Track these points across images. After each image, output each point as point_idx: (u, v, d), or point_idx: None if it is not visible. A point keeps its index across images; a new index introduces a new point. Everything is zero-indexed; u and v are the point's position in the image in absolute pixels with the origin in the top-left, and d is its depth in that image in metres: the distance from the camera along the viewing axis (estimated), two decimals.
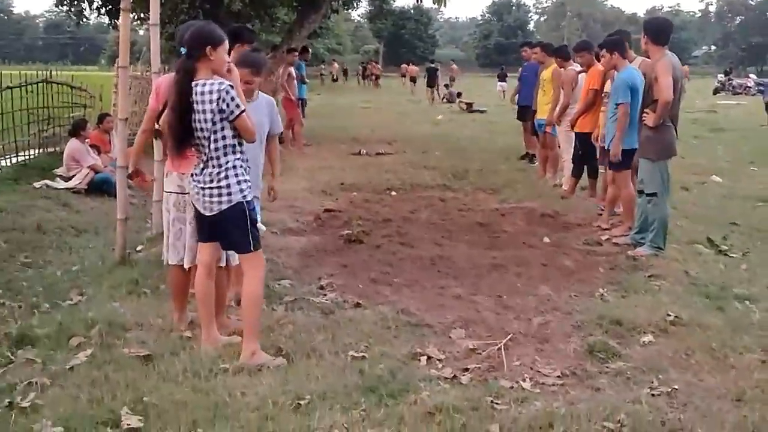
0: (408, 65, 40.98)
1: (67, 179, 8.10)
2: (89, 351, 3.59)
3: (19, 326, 3.89)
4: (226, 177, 3.49)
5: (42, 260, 5.44)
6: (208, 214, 3.54)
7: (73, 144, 8.32)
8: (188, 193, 3.77)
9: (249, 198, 3.57)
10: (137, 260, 5.33)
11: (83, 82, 11.66)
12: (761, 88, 26.94)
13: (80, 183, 7.97)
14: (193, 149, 3.64)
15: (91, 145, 8.50)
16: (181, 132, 3.47)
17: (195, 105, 3.42)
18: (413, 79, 36.39)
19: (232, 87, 3.47)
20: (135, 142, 4.35)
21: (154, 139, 5.46)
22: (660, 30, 5.76)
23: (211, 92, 3.41)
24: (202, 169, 3.52)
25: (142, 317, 4.08)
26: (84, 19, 14.43)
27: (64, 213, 6.99)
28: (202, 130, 3.45)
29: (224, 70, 3.59)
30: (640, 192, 5.97)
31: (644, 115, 5.71)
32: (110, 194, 7.37)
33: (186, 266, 3.88)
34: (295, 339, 3.83)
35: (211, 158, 3.48)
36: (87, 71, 42.07)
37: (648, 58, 6.04)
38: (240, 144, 3.57)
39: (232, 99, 3.43)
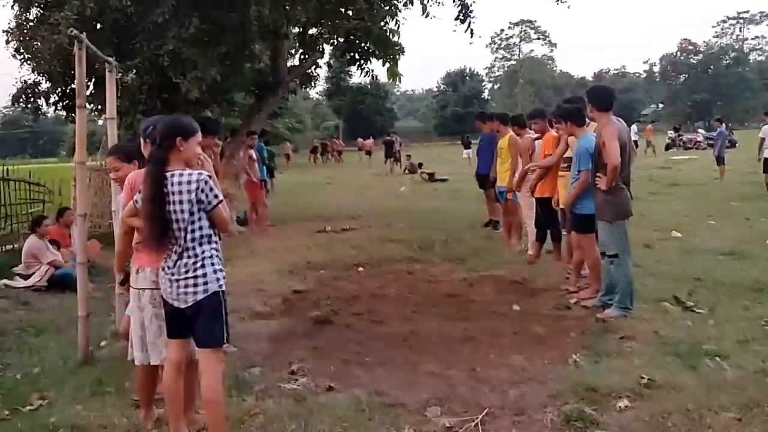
0: (364, 140, 42.61)
1: (26, 277, 7.92)
2: None
3: None
4: (203, 266, 3.41)
5: (1, 363, 5.24)
6: (183, 306, 3.42)
7: (31, 241, 8.18)
8: None
9: (224, 288, 3.50)
10: (101, 358, 5.19)
11: (41, 177, 11.59)
12: (711, 142, 27.90)
13: (40, 280, 7.80)
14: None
15: (50, 241, 8.35)
16: (163, 222, 3.37)
17: (170, 195, 3.37)
18: (368, 153, 37.98)
19: (210, 177, 3.47)
20: (118, 244, 3.98)
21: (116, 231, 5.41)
22: (602, 97, 5.97)
23: (189, 182, 3.37)
24: (176, 261, 3.42)
25: (107, 419, 3.94)
26: (41, 115, 14.43)
27: (23, 312, 6.80)
28: (177, 221, 3.38)
29: (195, 161, 3.59)
30: (603, 254, 6.06)
31: (597, 179, 5.84)
32: (72, 289, 7.20)
33: (157, 363, 3.76)
34: (266, 430, 3.73)
35: (187, 249, 3.40)
36: (47, 164, 41.95)
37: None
38: (215, 234, 3.51)
39: (211, 189, 3.41)
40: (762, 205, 12.62)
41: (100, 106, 12.02)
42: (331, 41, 13.98)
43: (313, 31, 14.35)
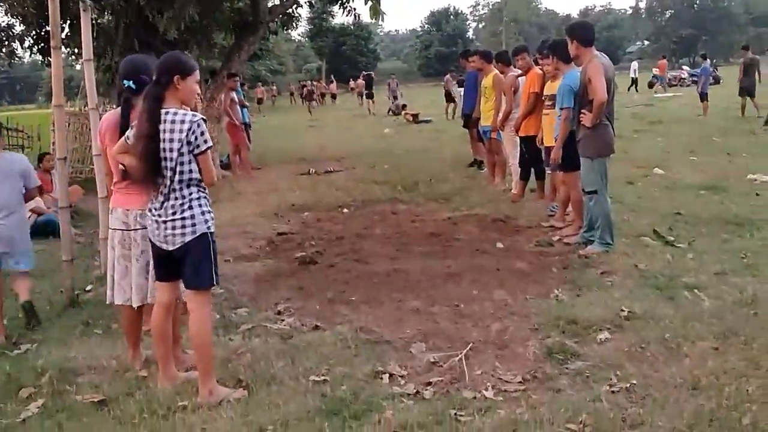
0: (355, 80, 40.83)
1: None
2: (41, 401, 3.49)
3: None
4: (190, 207, 3.37)
5: None
6: (171, 248, 3.39)
7: None
8: (134, 229, 3.69)
9: (213, 229, 3.47)
10: (87, 301, 5.22)
11: (20, 122, 11.40)
12: (695, 78, 27.81)
13: None
14: (134, 184, 3.59)
15: None
16: (155, 160, 3.30)
17: (162, 133, 3.30)
18: (362, 94, 36.37)
19: (205, 121, 3.41)
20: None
21: (97, 176, 5.38)
22: (584, 32, 5.91)
23: (182, 122, 3.31)
24: (162, 203, 3.37)
25: (95, 360, 3.98)
26: (17, 59, 14.10)
27: None
28: (165, 159, 3.32)
29: (193, 101, 3.53)
30: (583, 190, 6.09)
31: (581, 115, 5.82)
32: (55, 235, 7.17)
33: (135, 305, 3.78)
34: (254, 368, 3.77)
35: (174, 190, 3.35)
36: (25, 110, 41.19)
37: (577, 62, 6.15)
38: (202, 180, 3.46)
39: (202, 133, 3.34)
40: (743, 140, 12.69)
41: (76, 50, 11.76)
42: None
43: None
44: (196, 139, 3.33)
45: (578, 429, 2.94)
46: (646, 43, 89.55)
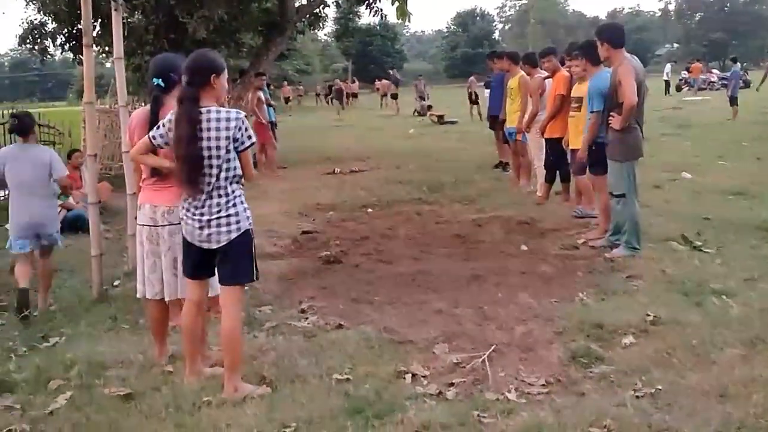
0: (380, 80, 40.43)
1: None
2: (69, 393, 3.53)
3: None
4: (234, 205, 3.40)
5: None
6: (214, 246, 3.40)
7: None
8: (161, 225, 3.73)
9: (253, 226, 3.51)
10: (115, 296, 5.29)
11: (51, 119, 11.58)
12: (725, 82, 27.44)
13: None
14: (162, 180, 3.64)
15: None
16: (198, 161, 3.31)
17: (203, 132, 3.31)
18: (386, 95, 36.00)
19: (247, 117, 3.44)
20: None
21: (126, 172, 5.46)
22: (615, 33, 5.86)
23: (228, 119, 3.33)
24: (205, 201, 3.37)
25: (122, 354, 4.03)
26: (49, 56, 14.34)
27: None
28: (211, 158, 3.33)
29: (224, 98, 3.58)
30: (611, 194, 6.05)
31: (610, 118, 5.78)
32: (84, 230, 7.29)
33: (166, 299, 3.83)
34: (278, 365, 3.80)
35: (218, 187, 3.36)
36: (55, 107, 41.82)
37: (606, 65, 6.11)
38: (242, 176, 3.49)
39: (246, 129, 3.39)
40: None
41: (107, 48, 11.93)
42: None
43: None
44: (242, 135, 3.36)
45: None
46: (676, 46, 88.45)
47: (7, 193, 5.51)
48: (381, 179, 10.71)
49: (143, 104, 6.65)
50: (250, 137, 3.41)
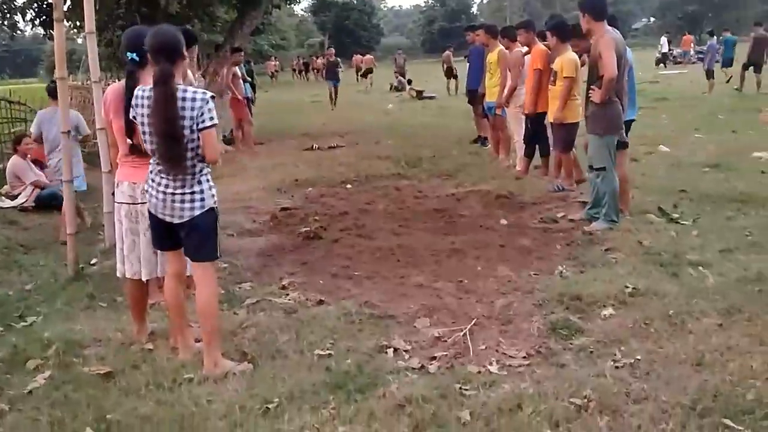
0: (362, 56, 39.02)
1: (13, 198, 7.87)
2: (47, 372, 3.50)
3: None
4: (199, 182, 3.39)
5: None
6: (176, 221, 3.40)
7: (14, 161, 8.09)
8: (141, 203, 3.68)
9: (217, 204, 3.50)
10: (91, 274, 5.22)
11: (21, 95, 11.34)
12: (701, 56, 27.55)
13: (26, 201, 7.76)
14: (141, 157, 3.59)
15: (33, 161, 8.25)
16: (178, 138, 3.27)
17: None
18: (358, 70, 35.60)
19: (213, 98, 3.39)
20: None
21: (100, 149, 5.38)
22: (597, 5, 5.82)
23: (194, 99, 3.28)
24: (171, 174, 3.36)
25: (100, 333, 3.99)
26: (18, 32, 14.03)
27: (11, 231, 6.79)
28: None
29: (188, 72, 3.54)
30: (590, 167, 6.07)
31: (590, 91, 5.78)
32: (58, 208, 7.19)
33: (144, 278, 3.80)
34: (258, 342, 3.79)
35: (185, 165, 3.35)
36: (26, 83, 41.04)
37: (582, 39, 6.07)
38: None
39: (210, 110, 3.32)
40: (749, 117, 12.61)
41: (78, 23, 11.69)
42: None
43: None
44: (202, 114, 3.30)
45: (582, 404, 2.95)
46: (652, 19, 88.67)
47: None
48: (359, 155, 10.65)
49: (116, 80, 6.53)
50: (212, 118, 3.33)
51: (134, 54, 3.68)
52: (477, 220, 6.48)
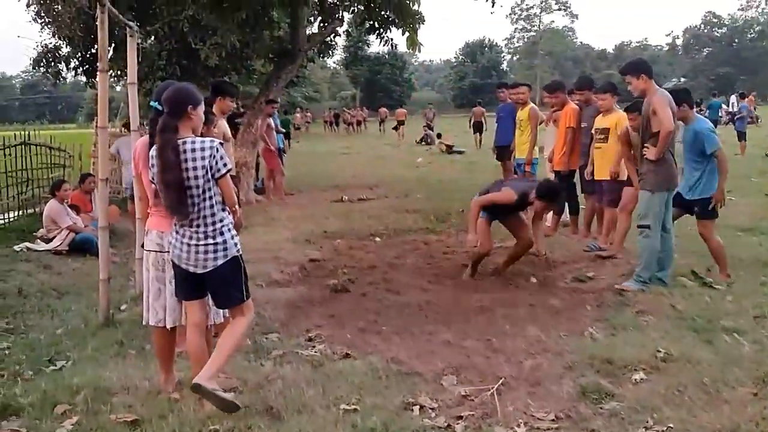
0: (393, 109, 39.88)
1: (48, 241, 8.02)
2: (75, 418, 3.51)
3: (2, 396, 3.80)
4: (221, 233, 3.52)
5: (24, 325, 5.34)
6: (200, 271, 3.51)
7: (51, 205, 8.27)
8: (168, 251, 3.74)
9: (241, 252, 3.62)
10: (121, 320, 5.26)
11: (61, 142, 11.65)
12: (731, 117, 27.43)
13: (60, 244, 7.89)
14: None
15: (71, 206, 8.44)
16: (182, 189, 3.44)
17: (185, 162, 3.44)
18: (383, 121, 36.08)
19: (222, 145, 3.55)
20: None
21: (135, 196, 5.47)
22: (648, 65, 5.89)
23: (203, 149, 3.45)
24: (192, 227, 3.49)
25: (129, 380, 4.00)
26: (61, 79, 14.50)
27: (45, 275, 6.90)
28: (192, 187, 3.45)
29: (200, 129, 3.67)
30: (639, 226, 5.95)
31: (644, 149, 5.76)
32: (92, 254, 7.31)
33: (168, 326, 3.83)
34: (284, 394, 3.76)
35: (205, 216, 3.49)
36: (65, 129, 42.13)
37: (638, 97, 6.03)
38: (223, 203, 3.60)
39: (221, 157, 3.50)
40: None
41: (119, 72, 12.06)
42: (351, 8, 13.84)
43: None
44: (216, 163, 3.47)
45: None
46: (683, 80, 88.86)
47: None
48: (388, 208, 10.71)
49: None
50: (225, 164, 3.52)
51: (156, 103, 3.82)
52: (506, 278, 6.44)
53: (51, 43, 12.53)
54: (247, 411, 3.55)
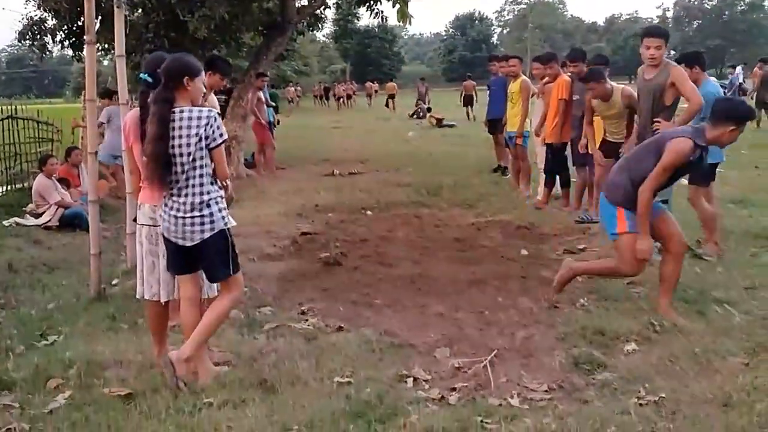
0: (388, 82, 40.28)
1: (37, 216, 7.96)
2: (68, 393, 3.51)
3: None
4: (208, 206, 3.48)
5: (15, 300, 5.30)
6: (189, 244, 3.49)
7: (39, 180, 8.19)
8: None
9: (230, 224, 3.58)
10: (113, 295, 5.25)
11: (49, 116, 11.52)
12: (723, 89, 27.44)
13: (50, 220, 7.83)
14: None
15: (59, 180, 8.36)
16: (166, 160, 3.41)
17: (175, 131, 3.40)
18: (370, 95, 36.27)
19: (219, 115, 3.50)
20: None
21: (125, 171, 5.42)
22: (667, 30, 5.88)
23: (199, 118, 3.42)
24: (180, 199, 3.46)
25: (121, 354, 3.99)
26: (47, 53, 14.27)
27: (35, 250, 6.86)
28: (181, 155, 3.41)
29: (200, 100, 3.60)
30: None
31: (656, 123, 5.68)
32: (82, 229, 7.27)
33: (162, 300, 3.81)
34: (278, 367, 3.77)
35: (194, 185, 3.46)
36: (52, 104, 41.68)
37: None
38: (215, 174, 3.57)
39: (218, 127, 3.46)
40: None
41: (106, 45, 11.88)
42: None
43: None
44: (213, 132, 3.43)
45: None
46: (673, 52, 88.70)
47: None
48: (380, 181, 10.69)
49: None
50: (222, 135, 3.49)
51: (146, 75, 3.76)
52: (497, 251, 6.45)
53: (37, 15, 12.31)
54: (241, 384, 3.56)
